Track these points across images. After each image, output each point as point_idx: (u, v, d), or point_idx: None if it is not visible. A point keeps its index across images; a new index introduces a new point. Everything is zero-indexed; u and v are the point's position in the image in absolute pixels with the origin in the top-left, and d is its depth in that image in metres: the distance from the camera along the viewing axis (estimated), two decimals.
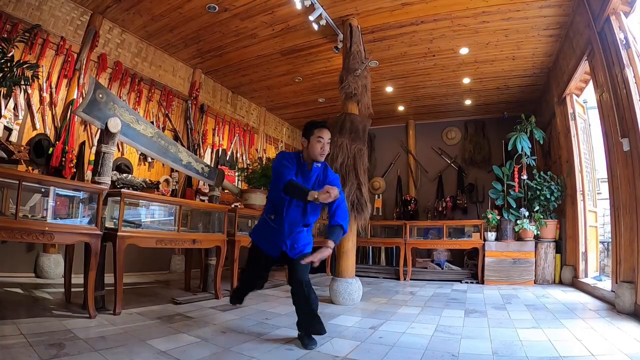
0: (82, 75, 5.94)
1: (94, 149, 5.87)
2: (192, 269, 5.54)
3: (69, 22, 5.95)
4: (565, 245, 6.95)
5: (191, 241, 4.54)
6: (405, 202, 10.38)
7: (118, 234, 3.74)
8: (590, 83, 5.69)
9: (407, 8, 5.91)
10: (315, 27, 6.03)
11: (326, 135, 3.13)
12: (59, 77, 5.79)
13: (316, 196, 2.75)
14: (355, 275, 5.30)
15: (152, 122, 7.01)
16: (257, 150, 10.03)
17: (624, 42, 4.37)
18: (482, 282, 7.00)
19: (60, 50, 5.78)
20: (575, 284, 6.36)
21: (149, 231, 4.25)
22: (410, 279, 7.59)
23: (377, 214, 10.74)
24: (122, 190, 3.96)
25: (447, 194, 10.36)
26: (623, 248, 4.52)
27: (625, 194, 4.48)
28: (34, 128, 5.47)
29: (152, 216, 4.92)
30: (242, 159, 9.42)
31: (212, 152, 8.55)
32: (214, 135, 8.67)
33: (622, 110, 4.38)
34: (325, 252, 2.86)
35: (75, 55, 5.96)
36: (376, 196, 11.06)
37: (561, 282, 6.79)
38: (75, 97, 5.82)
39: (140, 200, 4.52)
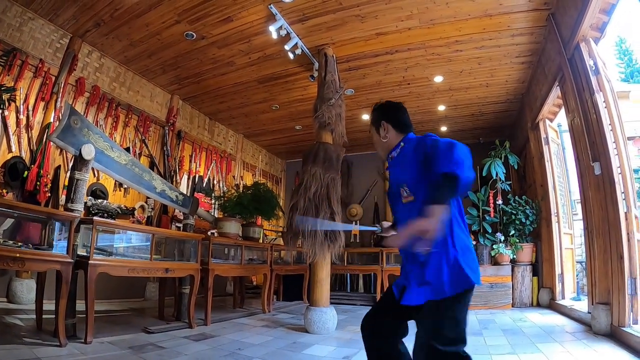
0: (59, 99, 5.88)
1: (69, 174, 5.79)
2: (166, 297, 5.42)
3: (48, 45, 5.92)
4: (542, 268, 7.03)
5: (164, 270, 4.47)
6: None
7: (89, 262, 3.68)
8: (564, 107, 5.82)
9: (381, 38, 6.05)
10: (291, 56, 6.11)
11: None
12: (36, 100, 5.71)
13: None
14: (333, 303, 5.26)
15: (129, 148, 6.96)
16: (234, 177, 9.98)
17: (594, 69, 4.51)
18: None
19: (39, 73, 5.73)
20: (552, 306, 6.40)
21: (121, 260, 4.18)
22: None
23: (354, 240, 10.68)
24: (94, 218, 3.92)
25: None
26: (597, 270, 4.58)
27: (597, 217, 4.56)
28: (10, 150, 5.37)
29: (127, 242, 4.84)
30: (219, 185, 9.36)
31: (188, 178, 8.48)
32: (190, 161, 8.62)
33: (592, 135, 4.49)
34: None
35: (53, 78, 5.91)
36: (353, 223, 11.02)
37: (539, 305, 6.85)
38: (52, 120, 5.75)
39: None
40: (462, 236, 1.90)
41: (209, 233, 7.07)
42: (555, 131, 7.21)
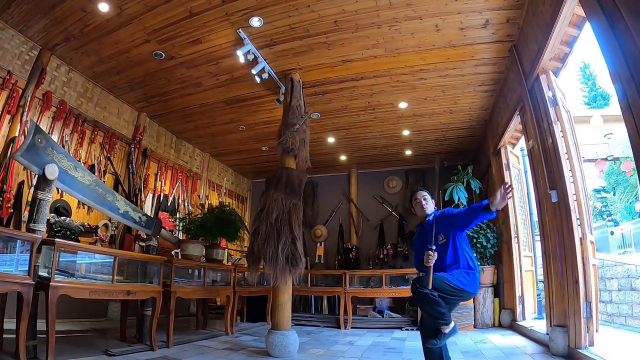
0: (25, 113, 5.68)
1: (32, 193, 5.64)
2: (128, 317, 5.32)
3: (17, 56, 5.74)
4: (503, 290, 7.20)
5: (126, 292, 4.40)
6: (347, 250, 10.34)
7: (50, 284, 3.61)
8: None
9: (347, 65, 6.19)
10: (258, 80, 6.13)
11: (419, 194, 3.84)
12: (1, 113, 5.50)
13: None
14: (297, 325, 5.25)
15: (94, 165, 6.84)
16: (199, 196, 9.88)
17: (552, 100, 4.71)
18: None
19: (6, 85, 5.54)
20: (513, 326, 6.57)
21: (83, 282, 4.08)
22: (352, 327, 7.55)
23: (319, 261, 10.70)
24: (56, 240, 3.82)
25: (388, 241, 10.40)
26: (555, 293, 4.73)
27: (554, 242, 4.71)
28: None
29: (90, 262, 4.74)
30: (184, 205, 9.24)
31: (153, 197, 8.34)
32: (156, 180, 8.48)
33: (550, 163, 4.68)
34: None
35: (21, 91, 5.71)
36: (318, 244, 11.04)
37: (500, 325, 7.02)
38: (17, 134, 5.55)
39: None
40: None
41: (173, 252, 6.97)
42: (517, 157, 7.44)
